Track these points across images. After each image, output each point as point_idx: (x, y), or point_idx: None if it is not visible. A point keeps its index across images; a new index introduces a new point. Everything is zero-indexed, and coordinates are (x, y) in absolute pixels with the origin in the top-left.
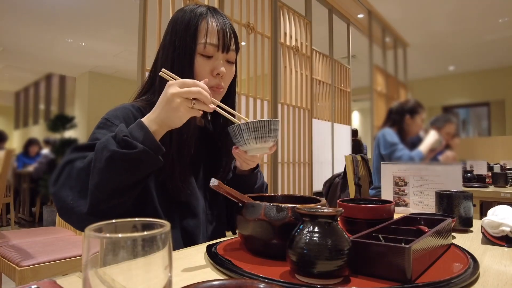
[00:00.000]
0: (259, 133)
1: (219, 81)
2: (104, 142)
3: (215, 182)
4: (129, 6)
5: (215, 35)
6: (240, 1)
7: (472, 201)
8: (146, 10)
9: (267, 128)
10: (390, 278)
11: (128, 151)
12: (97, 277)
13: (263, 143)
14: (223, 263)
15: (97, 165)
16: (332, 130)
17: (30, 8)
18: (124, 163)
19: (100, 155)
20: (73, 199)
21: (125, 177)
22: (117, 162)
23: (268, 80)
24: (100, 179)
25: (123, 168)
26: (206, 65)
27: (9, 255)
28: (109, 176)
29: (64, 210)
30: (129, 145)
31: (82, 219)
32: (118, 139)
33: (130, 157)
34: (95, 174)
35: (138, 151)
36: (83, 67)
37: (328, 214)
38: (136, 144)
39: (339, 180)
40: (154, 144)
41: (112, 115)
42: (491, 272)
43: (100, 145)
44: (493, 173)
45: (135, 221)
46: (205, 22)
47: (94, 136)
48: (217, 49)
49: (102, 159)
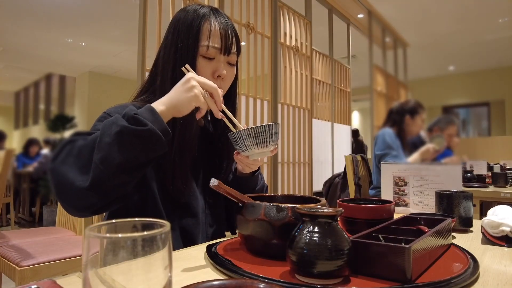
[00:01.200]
0: (260, 138)
1: (220, 83)
2: (113, 119)
3: (215, 182)
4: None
5: (217, 37)
6: (240, 1)
7: (472, 201)
8: (146, 10)
9: (268, 133)
10: (390, 278)
11: (138, 127)
12: (97, 277)
13: (265, 147)
14: (223, 263)
15: (104, 140)
16: (332, 130)
17: (30, 8)
18: (133, 139)
19: (108, 130)
20: (73, 174)
21: (132, 154)
22: (126, 137)
23: (268, 80)
24: (107, 153)
25: (131, 144)
26: (207, 67)
27: (9, 255)
28: (117, 150)
29: (62, 186)
30: (139, 122)
31: (81, 194)
32: (128, 116)
33: (139, 133)
34: (101, 149)
35: (148, 128)
36: (83, 67)
37: (328, 214)
38: (146, 122)
39: (339, 180)
40: (162, 126)
41: (113, 110)
42: (491, 272)
43: (108, 122)
44: (493, 173)
45: (135, 221)
46: (208, 24)
47: (95, 127)
48: (220, 51)
49: (111, 133)
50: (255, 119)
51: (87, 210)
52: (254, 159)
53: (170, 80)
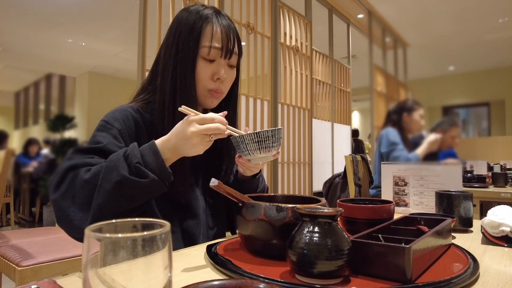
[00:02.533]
0: (263, 143)
1: (219, 85)
2: (115, 161)
3: (215, 182)
4: (129, 6)
5: (219, 40)
6: (240, 1)
7: (472, 201)
8: (146, 10)
9: (271, 138)
10: (390, 278)
11: (139, 179)
12: (97, 277)
13: (267, 152)
14: (223, 263)
15: (104, 186)
16: (332, 130)
17: (30, 8)
18: (132, 190)
19: (109, 175)
20: (73, 210)
21: (130, 202)
22: (126, 188)
23: (268, 80)
24: (105, 201)
25: (130, 194)
26: (207, 69)
27: (9, 255)
28: (115, 200)
29: (63, 220)
30: (141, 174)
31: (80, 231)
32: (130, 163)
33: (140, 185)
34: (101, 195)
35: (149, 180)
36: (83, 67)
37: (328, 214)
38: (148, 174)
39: (339, 180)
40: (165, 173)
41: (111, 117)
42: (491, 272)
43: (110, 163)
44: (493, 173)
45: (135, 221)
46: (210, 26)
47: (95, 138)
48: (221, 54)
49: (111, 181)
50: (255, 119)
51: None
52: (256, 163)
53: (170, 81)
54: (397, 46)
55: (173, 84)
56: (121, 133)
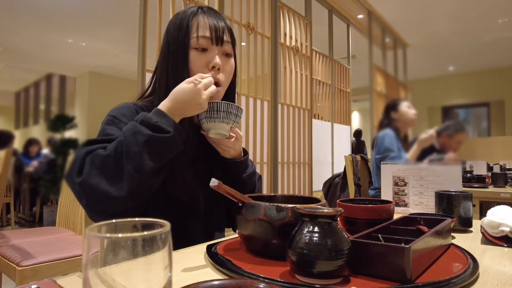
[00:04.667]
0: (210, 113)
1: (216, 74)
2: (133, 128)
3: (215, 182)
4: (129, 6)
5: (207, 28)
6: (240, 2)
7: (472, 201)
8: (146, 10)
9: (215, 109)
10: (390, 278)
11: (163, 135)
12: (97, 277)
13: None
14: (223, 263)
15: (132, 149)
16: (332, 130)
17: (31, 8)
18: (160, 146)
19: (133, 140)
20: (105, 185)
21: (160, 159)
22: (153, 145)
23: (268, 80)
24: (139, 162)
25: (159, 150)
26: (200, 59)
27: (9, 255)
28: (148, 158)
29: (98, 198)
30: (164, 130)
31: (119, 203)
32: (149, 124)
33: (166, 140)
34: (130, 159)
35: (171, 135)
36: (83, 67)
37: (328, 214)
38: (169, 129)
39: (339, 180)
40: (179, 129)
41: (118, 112)
42: (491, 272)
43: (129, 132)
44: (493, 173)
45: (135, 221)
46: (196, 19)
47: (105, 131)
48: (211, 41)
49: (139, 143)
50: (255, 119)
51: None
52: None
53: (165, 78)
54: (397, 46)
55: (167, 79)
56: None
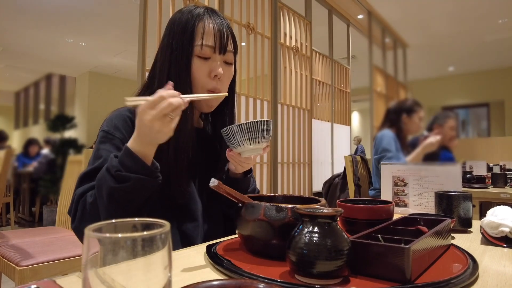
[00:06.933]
0: (252, 134)
1: (216, 83)
2: (102, 178)
3: (215, 182)
4: (129, 6)
5: (211, 36)
6: (240, 2)
7: (472, 201)
8: (146, 10)
9: (259, 128)
10: (390, 279)
11: (124, 184)
12: (97, 277)
13: (257, 144)
14: (223, 263)
15: (101, 203)
16: (331, 130)
17: (30, 8)
18: (124, 196)
19: (100, 193)
20: None
21: (130, 206)
22: (117, 197)
23: (268, 80)
24: (108, 215)
25: (125, 199)
26: (203, 67)
27: (9, 255)
28: (115, 209)
29: None
30: (123, 179)
31: None
32: (112, 174)
33: (128, 189)
34: (103, 211)
35: (133, 182)
36: (83, 67)
37: (328, 215)
38: (129, 176)
39: (339, 180)
40: (146, 169)
41: (111, 126)
42: (491, 272)
43: (98, 182)
44: (493, 174)
45: (135, 221)
46: (202, 24)
47: (98, 153)
48: (214, 50)
49: (104, 197)
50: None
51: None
52: (247, 156)
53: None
54: (397, 46)
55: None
56: (123, 142)
